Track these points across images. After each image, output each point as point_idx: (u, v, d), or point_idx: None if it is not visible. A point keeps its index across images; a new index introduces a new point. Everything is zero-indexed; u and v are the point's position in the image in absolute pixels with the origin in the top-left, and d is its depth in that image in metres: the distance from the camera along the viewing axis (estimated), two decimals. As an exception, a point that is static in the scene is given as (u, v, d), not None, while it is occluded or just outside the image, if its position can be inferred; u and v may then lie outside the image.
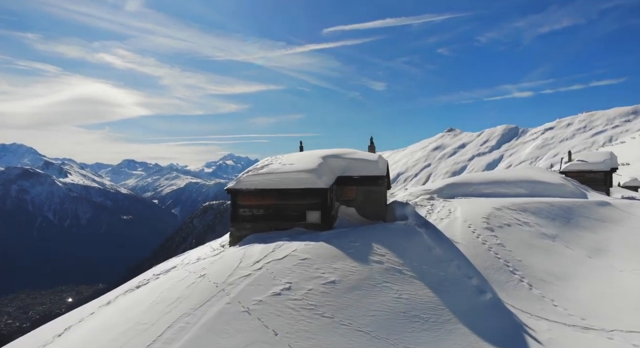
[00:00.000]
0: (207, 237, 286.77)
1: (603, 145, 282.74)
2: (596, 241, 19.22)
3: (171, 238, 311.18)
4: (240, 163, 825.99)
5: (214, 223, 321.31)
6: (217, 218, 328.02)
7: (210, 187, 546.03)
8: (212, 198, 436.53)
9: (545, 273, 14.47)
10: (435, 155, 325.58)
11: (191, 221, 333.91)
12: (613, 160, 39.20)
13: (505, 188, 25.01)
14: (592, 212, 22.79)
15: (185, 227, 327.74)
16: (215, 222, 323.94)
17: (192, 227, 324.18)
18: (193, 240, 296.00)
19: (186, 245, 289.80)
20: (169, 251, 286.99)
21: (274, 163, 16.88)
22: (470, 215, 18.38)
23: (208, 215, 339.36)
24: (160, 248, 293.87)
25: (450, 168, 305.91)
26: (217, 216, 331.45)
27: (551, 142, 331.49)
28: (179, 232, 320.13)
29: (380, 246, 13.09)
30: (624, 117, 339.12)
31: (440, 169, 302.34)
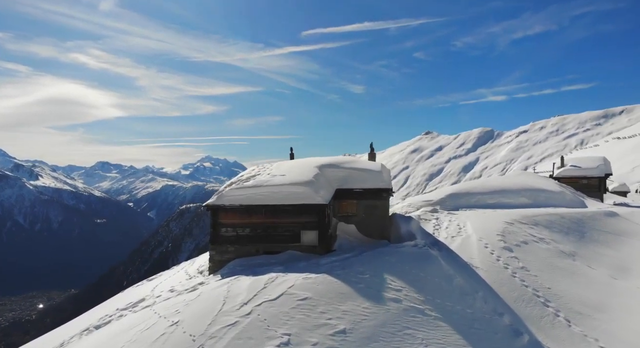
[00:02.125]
0: (184, 241, 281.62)
1: (575, 147, 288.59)
2: (616, 259, 17.49)
3: (147, 242, 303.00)
4: (218, 165, 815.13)
5: (190, 226, 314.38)
6: (194, 222, 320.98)
7: (187, 190, 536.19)
8: (189, 201, 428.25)
9: (579, 304, 12.51)
10: (414, 158, 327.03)
11: (167, 224, 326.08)
12: (607, 166, 38.10)
13: (509, 198, 23.19)
14: (603, 225, 21.15)
15: (161, 230, 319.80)
16: (192, 226, 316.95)
17: (169, 231, 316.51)
18: (169, 244, 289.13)
19: (162, 249, 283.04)
20: (145, 255, 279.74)
21: (261, 173, 14.48)
22: (483, 231, 16.37)
23: (185, 218, 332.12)
24: (135, 253, 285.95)
25: (427, 170, 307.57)
26: (194, 219, 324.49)
27: (525, 144, 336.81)
28: (155, 236, 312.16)
29: (394, 278, 10.86)
30: (595, 120, 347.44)
31: (418, 171, 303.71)
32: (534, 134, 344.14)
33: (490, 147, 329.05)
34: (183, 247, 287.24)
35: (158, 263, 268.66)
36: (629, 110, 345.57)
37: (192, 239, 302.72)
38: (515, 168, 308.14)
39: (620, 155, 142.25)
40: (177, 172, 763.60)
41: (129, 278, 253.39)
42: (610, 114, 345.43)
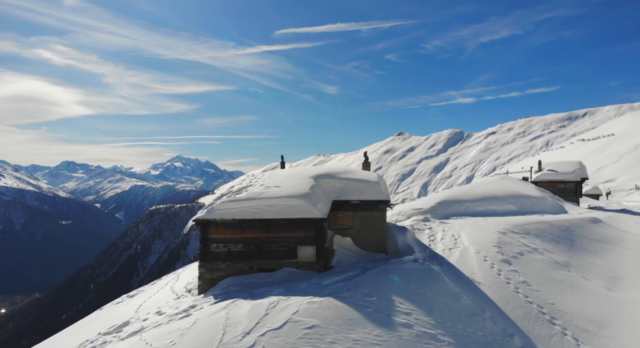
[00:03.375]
0: (154, 243, 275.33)
1: (541, 149, 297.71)
2: (607, 268, 17.48)
3: (115, 244, 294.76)
4: (189, 165, 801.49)
5: (160, 228, 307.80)
6: (164, 223, 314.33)
7: (157, 190, 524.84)
8: (159, 201, 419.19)
9: (583, 320, 12.26)
10: (387, 158, 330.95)
11: (136, 226, 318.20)
12: (582, 170, 38.83)
13: (496, 205, 23.09)
14: (590, 232, 21.24)
15: (130, 232, 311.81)
16: (162, 227, 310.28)
17: (138, 232, 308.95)
18: (138, 246, 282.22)
19: (131, 251, 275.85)
20: (113, 257, 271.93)
21: (254, 185, 13.68)
22: (479, 242, 16.04)
23: (155, 219, 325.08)
24: (102, 255, 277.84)
25: (400, 170, 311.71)
26: (165, 220, 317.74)
27: (493, 145, 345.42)
28: (123, 238, 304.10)
29: (401, 299, 10.28)
30: (559, 122, 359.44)
31: (391, 171, 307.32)
32: (502, 135, 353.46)
33: (460, 147, 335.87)
34: (153, 249, 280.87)
35: (127, 266, 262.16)
36: (591, 112, 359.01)
37: (162, 241, 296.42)
38: (484, 169, 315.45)
39: (585, 156, 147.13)
40: (147, 172, 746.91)
41: (96, 281, 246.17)
42: (574, 116, 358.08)
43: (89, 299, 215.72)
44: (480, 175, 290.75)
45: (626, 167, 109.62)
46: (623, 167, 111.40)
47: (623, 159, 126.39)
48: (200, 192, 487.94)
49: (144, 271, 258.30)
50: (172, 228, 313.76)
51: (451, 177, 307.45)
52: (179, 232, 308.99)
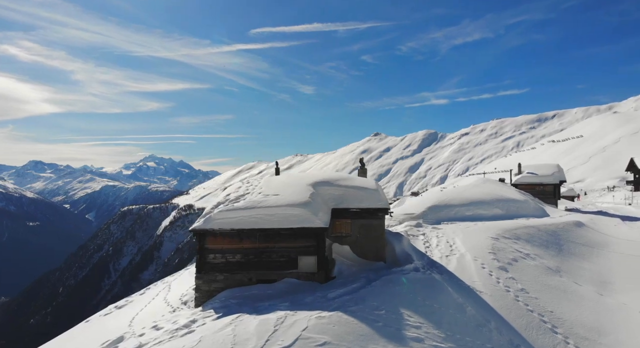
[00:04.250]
0: (126, 244, 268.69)
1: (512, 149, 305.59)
2: (595, 272, 17.79)
3: (85, 246, 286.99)
4: (163, 164, 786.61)
5: (133, 229, 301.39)
6: (137, 224, 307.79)
7: (129, 190, 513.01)
8: (132, 202, 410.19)
9: (582, 327, 12.36)
10: (363, 158, 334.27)
11: (108, 227, 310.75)
12: (561, 173, 39.76)
13: (484, 210, 23.31)
14: (575, 236, 21.64)
15: (101, 233, 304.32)
16: (135, 228, 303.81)
17: (109, 234, 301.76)
18: (110, 247, 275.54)
19: (102, 253, 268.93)
20: (83, 260, 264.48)
21: (251, 192, 13.29)
22: (474, 249, 16.07)
23: (127, 220, 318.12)
24: (72, 257, 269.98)
25: (376, 170, 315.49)
26: (137, 221, 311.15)
27: (467, 146, 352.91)
28: (94, 239, 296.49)
29: (410, 312, 10.10)
30: (530, 124, 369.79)
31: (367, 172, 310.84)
32: (475, 136, 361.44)
33: (435, 148, 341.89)
34: (125, 250, 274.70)
35: (97, 269, 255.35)
36: (560, 114, 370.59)
37: (135, 243, 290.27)
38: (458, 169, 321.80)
39: (555, 157, 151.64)
40: (118, 172, 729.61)
41: (65, 284, 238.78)
42: (544, 118, 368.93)
43: (58, 303, 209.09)
44: (453, 175, 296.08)
45: (595, 168, 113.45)
46: (591, 168, 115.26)
47: (591, 160, 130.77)
48: (174, 192, 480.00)
49: (115, 273, 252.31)
50: (145, 230, 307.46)
51: (426, 177, 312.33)
52: (152, 234, 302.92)
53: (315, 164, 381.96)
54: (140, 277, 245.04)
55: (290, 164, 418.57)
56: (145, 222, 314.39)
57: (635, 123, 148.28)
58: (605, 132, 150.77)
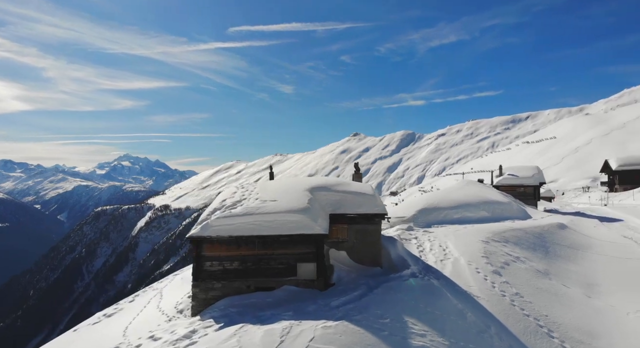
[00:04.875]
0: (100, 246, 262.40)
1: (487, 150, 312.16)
2: (581, 275, 18.20)
3: (57, 247, 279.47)
4: (138, 164, 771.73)
5: (107, 230, 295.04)
6: (111, 225, 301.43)
7: (103, 190, 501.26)
8: (106, 202, 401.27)
9: (576, 331, 12.59)
10: (343, 158, 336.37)
11: (81, 228, 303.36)
12: (541, 175, 40.65)
13: (471, 212, 23.62)
14: (560, 238, 22.12)
15: (73, 234, 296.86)
16: (109, 229, 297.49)
17: (82, 235, 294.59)
18: (83, 249, 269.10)
19: (75, 255, 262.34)
20: (54, 262, 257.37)
21: (248, 198, 13.07)
22: (467, 253, 16.23)
23: (101, 221, 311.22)
24: (43, 259, 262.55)
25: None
26: (111, 222, 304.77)
27: (443, 147, 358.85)
28: (66, 241, 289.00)
29: (414, 320, 10.09)
30: (504, 125, 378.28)
31: (347, 171, 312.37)
32: (451, 137, 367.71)
33: (412, 148, 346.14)
34: (99, 252, 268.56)
35: (70, 271, 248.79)
36: (533, 116, 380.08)
37: (109, 244, 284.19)
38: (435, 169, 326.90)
39: (530, 158, 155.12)
40: (92, 172, 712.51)
41: (36, 287, 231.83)
42: (518, 119, 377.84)
43: (29, 306, 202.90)
44: (430, 175, 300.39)
45: (567, 168, 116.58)
46: (564, 168, 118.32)
47: (564, 160, 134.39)
48: (149, 192, 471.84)
49: (88, 275, 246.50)
50: (120, 230, 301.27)
51: (404, 177, 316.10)
52: (127, 234, 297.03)
53: (295, 163, 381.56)
54: (114, 278, 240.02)
55: (269, 163, 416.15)
56: (120, 223, 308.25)
57: (606, 125, 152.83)
58: (577, 134, 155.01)
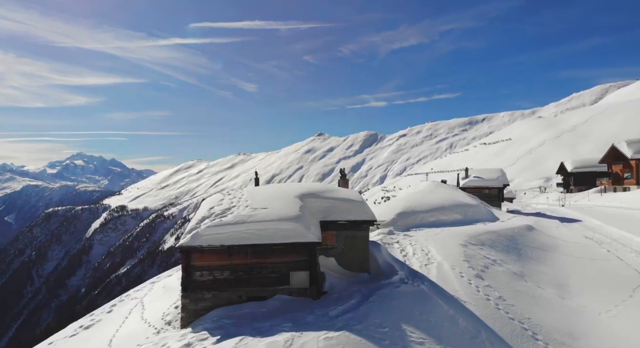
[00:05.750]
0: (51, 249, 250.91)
1: (446, 151, 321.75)
2: (552, 276, 18.95)
3: (4, 250, 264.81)
4: (92, 163, 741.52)
5: (59, 232, 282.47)
6: (63, 227, 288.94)
7: (54, 191, 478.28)
8: (57, 203, 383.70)
9: (557, 332, 13.09)
10: (307, 158, 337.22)
11: (30, 230, 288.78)
12: (504, 177, 42.17)
13: (445, 215, 24.19)
14: (530, 240, 23.01)
15: (22, 237, 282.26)
16: (61, 231, 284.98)
17: (32, 237, 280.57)
18: (33, 252, 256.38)
19: (24, 258, 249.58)
20: (2, 266, 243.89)
21: (237, 205, 12.81)
22: (449, 257, 16.60)
23: (52, 223, 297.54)
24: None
25: (320, 170, 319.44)
26: (64, 224, 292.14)
27: (404, 147, 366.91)
28: (14, 243, 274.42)
29: (411, 328, 10.18)
30: (462, 126, 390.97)
31: (312, 171, 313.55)
32: (412, 138, 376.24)
33: (375, 149, 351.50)
34: (50, 255, 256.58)
35: (19, 275, 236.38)
36: (489, 118, 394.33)
37: (61, 246, 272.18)
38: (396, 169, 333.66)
39: (487, 159, 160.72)
40: (42, 171, 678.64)
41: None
42: (474, 121, 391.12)
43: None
44: (392, 175, 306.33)
45: (522, 169, 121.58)
46: (519, 169, 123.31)
47: (519, 161, 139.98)
48: (104, 192, 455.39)
49: (39, 280, 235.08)
50: (73, 232, 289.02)
51: (367, 177, 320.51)
52: (80, 237, 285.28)
53: (259, 163, 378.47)
54: (67, 283, 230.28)
55: (232, 163, 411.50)
56: (73, 225, 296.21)
57: (557, 127, 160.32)
58: (531, 136, 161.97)
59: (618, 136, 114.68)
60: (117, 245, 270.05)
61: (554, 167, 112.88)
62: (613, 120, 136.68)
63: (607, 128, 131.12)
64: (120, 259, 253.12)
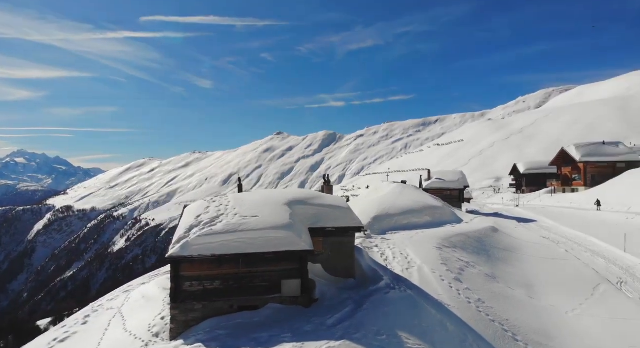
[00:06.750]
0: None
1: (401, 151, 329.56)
2: (519, 276, 19.80)
3: None
4: (34, 161, 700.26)
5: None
6: (3, 228, 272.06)
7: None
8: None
9: (533, 333, 13.73)
10: (266, 157, 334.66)
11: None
12: (464, 179, 43.69)
13: (417, 217, 24.80)
14: (495, 241, 23.95)
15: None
16: (1, 233, 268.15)
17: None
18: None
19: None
20: None
21: (225, 213, 12.57)
22: (428, 260, 17.03)
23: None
24: None
25: (279, 169, 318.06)
26: (4, 225, 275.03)
27: (362, 147, 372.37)
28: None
29: (407, 334, 10.39)
30: (416, 127, 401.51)
31: (270, 170, 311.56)
32: (369, 138, 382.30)
33: (334, 148, 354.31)
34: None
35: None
36: (441, 119, 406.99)
37: (1, 249, 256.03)
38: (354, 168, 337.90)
39: (440, 159, 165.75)
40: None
41: None
42: (428, 122, 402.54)
43: None
44: (350, 174, 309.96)
45: (473, 169, 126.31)
46: (471, 169, 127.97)
47: (471, 162, 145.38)
48: (48, 192, 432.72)
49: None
50: (13, 234, 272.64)
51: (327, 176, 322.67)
52: (21, 239, 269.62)
53: (216, 161, 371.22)
54: (7, 287, 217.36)
55: (187, 161, 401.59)
56: (14, 226, 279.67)
57: (506, 130, 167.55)
58: (482, 137, 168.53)
59: (562, 138, 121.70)
60: (62, 248, 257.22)
61: (503, 167, 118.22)
62: (557, 123, 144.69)
63: (552, 130, 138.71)
64: (66, 262, 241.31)
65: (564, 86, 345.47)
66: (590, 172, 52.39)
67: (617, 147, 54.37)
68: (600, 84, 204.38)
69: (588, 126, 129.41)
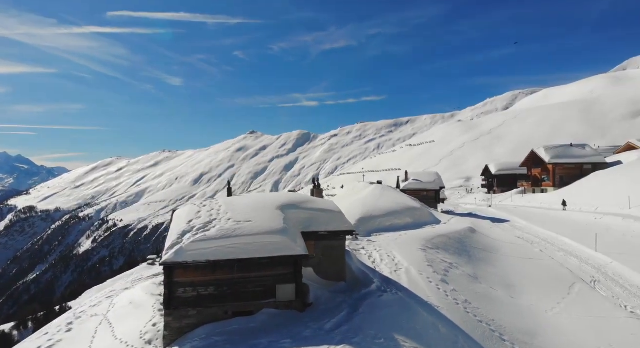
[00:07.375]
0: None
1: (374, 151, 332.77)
2: (499, 276, 20.37)
3: None
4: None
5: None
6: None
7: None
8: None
9: (518, 332, 14.16)
10: (239, 156, 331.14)
11: None
12: (440, 180, 44.53)
13: (398, 219, 25.14)
14: (475, 242, 24.56)
15: None
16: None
17: None
18: None
19: None
20: None
21: (218, 218, 12.45)
22: (414, 262, 17.31)
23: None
24: None
25: (253, 168, 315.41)
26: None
27: (336, 147, 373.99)
28: None
29: (403, 337, 10.54)
30: (388, 128, 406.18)
31: (243, 170, 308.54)
32: (342, 138, 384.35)
33: (308, 148, 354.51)
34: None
35: None
36: (412, 120, 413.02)
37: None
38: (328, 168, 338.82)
39: (413, 159, 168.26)
40: None
41: None
42: (399, 123, 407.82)
43: None
44: (324, 174, 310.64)
45: (444, 169, 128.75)
46: (442, 169, 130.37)
47: (442, 162, 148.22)
48: (10, 192, 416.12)
49: None
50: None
51: (300, 176, 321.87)
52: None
53: (186, 161, 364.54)
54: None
55: (156, 160, 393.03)
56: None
57: (475, 131, 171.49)
58: (452, 138, 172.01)
59: (529, 139, 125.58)
60: (24, 250, 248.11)
61: (473, 167, 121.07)
62: (524, 124, 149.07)
63: (519, 131, 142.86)
64: (29, 265, 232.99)
65: (530, 88, 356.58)
66: (559, 173, 54.30)
67: (584, 149, 56.52)
68: (564, 87, 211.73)
69: (553, 127, 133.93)
